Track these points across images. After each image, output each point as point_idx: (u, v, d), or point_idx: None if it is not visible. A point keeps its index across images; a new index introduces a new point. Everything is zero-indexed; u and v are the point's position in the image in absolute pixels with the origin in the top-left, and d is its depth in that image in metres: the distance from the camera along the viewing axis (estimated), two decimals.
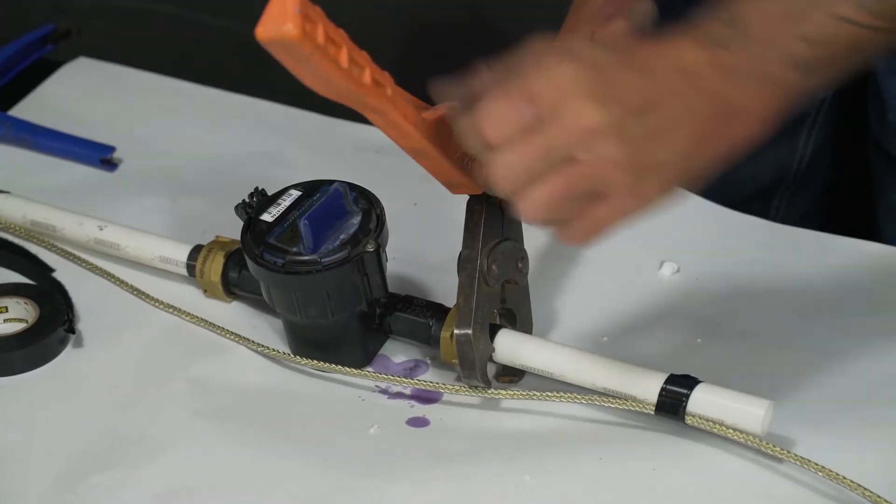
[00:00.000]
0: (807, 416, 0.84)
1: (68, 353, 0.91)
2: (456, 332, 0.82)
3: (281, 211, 0.87)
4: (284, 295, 0.86)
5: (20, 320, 0.92)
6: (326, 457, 0.84)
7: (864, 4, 0.72)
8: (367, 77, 0.71)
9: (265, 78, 1.48)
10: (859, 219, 1.13)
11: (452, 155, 0.79)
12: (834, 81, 0.75)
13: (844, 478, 0.80)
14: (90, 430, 0.86)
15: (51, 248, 0.98)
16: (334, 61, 0.69)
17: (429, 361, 0.89)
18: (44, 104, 1.12)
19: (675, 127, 0.72)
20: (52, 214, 0.99)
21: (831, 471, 0.80)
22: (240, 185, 0.89)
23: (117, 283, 0.96)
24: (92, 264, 0.97)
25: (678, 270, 0.96)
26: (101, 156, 1.06)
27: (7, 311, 0.92)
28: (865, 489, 0.79)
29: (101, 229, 0.97)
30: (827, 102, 1.16)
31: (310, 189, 0.88)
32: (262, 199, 0.88)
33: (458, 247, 0.93)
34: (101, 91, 1.15)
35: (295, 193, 0.88)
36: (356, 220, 0.86)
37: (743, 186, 1.15)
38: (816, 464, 0.80)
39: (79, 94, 1.14)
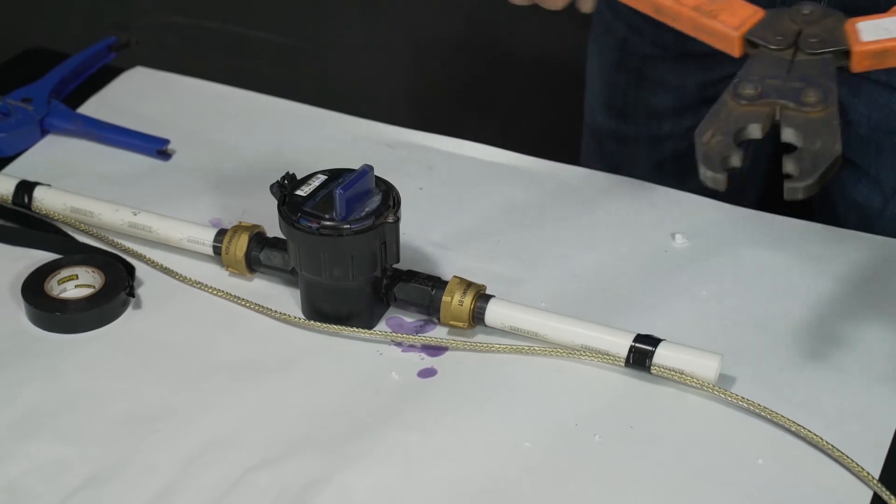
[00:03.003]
0: (751, 366, 0.85)
1: (129, 313, 0.91)
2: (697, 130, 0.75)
3: (311, 189, 0.88)
4: (314, 256, 0.86)
5: (89, 286, 0.92)
6: (349, 406, 0.84)
7: None
8: None
9: (296, 82, 1.49)
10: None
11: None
12: None
13: (781, 415, 0.81)
14: (147, 381, 0.86)
15: (88, 232, 0.98)
16: None
17: (435, 321, 0.89)
18: (107, 104, 1.12)
19: None
20: (89, 202, 0.98)
21: (772, 410, 0.81)
22: (273, 174, 0.90)
23: (148, 262, 0.95)
24: (124, 246, 0.96)
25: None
26: (157, 147, 1.06)
27: (78, 278, 0.93)
28: (796, 423, 0.81)
29: (135, 214, 0.96)
30: None
31: (333, 174, 0.89)
32: (292, 181, 0.89)
33: (459, 227, 0.93)
34: (154, 94, 1.14)
35: (321, 177, 0.89)
36: (378, 198, 0.87)
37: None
38: (758, 404, 0.82)
39: (136, 95, 1.14)
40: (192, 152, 1.07)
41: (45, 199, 0.99)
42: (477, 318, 0.88)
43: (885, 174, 1.06)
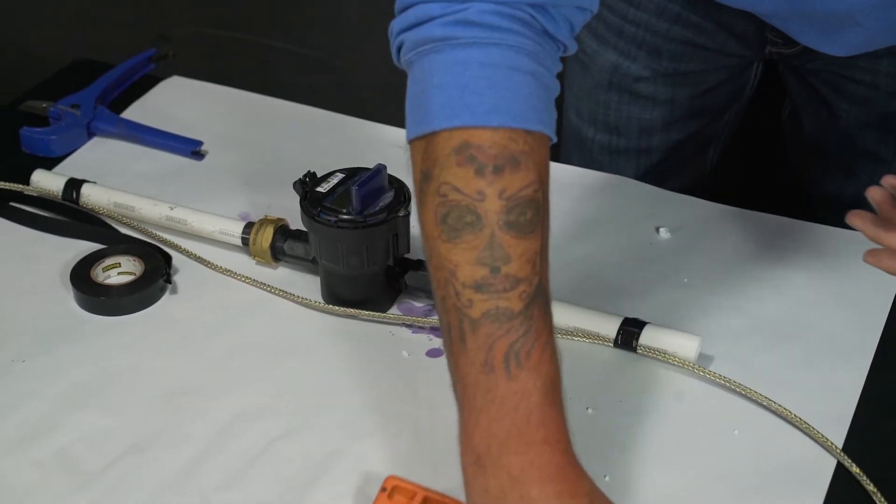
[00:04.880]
0: (727, 347, 0.86)
1: (166, 298, 0.91)
2: None
3: (330, 186, 0.88)
4: (333, 247, 0.87)
5: (130, 273, 0.93)
6: (364, 382, 0.84)
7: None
8: None
9: (317, 90, 1.49)
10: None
11: None
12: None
13: (754, 391, 0.82)
14: (183, 359, 0.86)
15: (129, 224, 0.98)
16: None
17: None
18: (147, 109, 1.12)
19: None
20: (130, 198, 0.98)
21: (746, 387, 0.82)
22: (295, 173, 0.90)
23: (183, 252, 0.95)
24: (162, 237, 0.96)
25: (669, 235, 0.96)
26: (192, 148, 1.06)
27: (120, 266, 0.93)
28: (767, 398, 0.81)
29: (172, 209, 0.96)
30: (732, 122, 1.13)
31: (350, 173, 0.90)
32: (313, 179, 0.89)
33: None
34: (189, 100, 1.14)
35: (339, 175, 0.90)
36: (390, 194, 0.88)
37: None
38: (734, 381, 0.82)
39: (173, 102, 1.14)
40: (223, 153, 1.08)
41: (91, 195, 1.00)
42: None
43: (860, 167, 1.06)
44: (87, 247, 0.96)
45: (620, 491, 0.76)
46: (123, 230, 0.98)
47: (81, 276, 0.92)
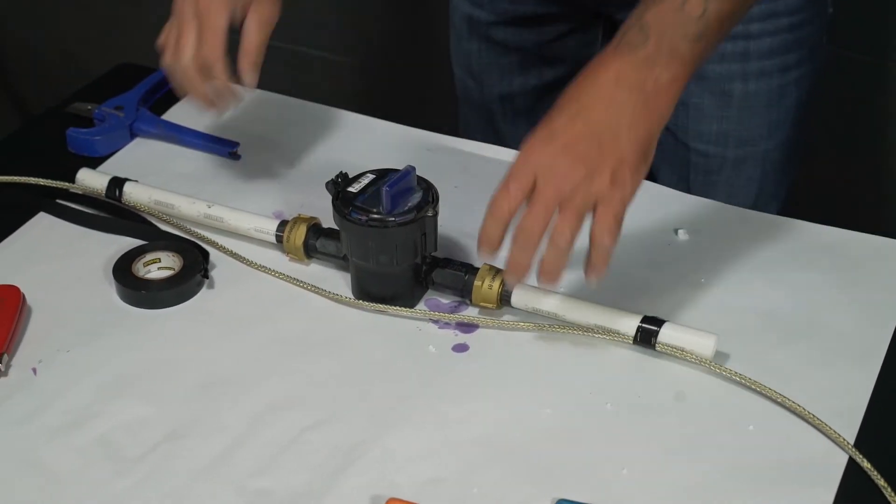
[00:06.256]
0: (743, 345, 0.85)
1: (203, 293, 0.91)
2: None
3: (362, 186, 0.88)
4: (363, 245, 0.86)
5: (169, 268, 0.92)
6: (391, 376, 0.83)
7: None
8: None
9: (347, 94, 1.49)
10: None
11: None
12: (718, 43, 0.77)
13: (769, 388, 0.81)
14: (218, 351, 0.86)
15: (169, 221, 0.98)
16: None
17: (468, 302, 0.89)
18: (186, 112, 1.11)
19: (609, 126, 0.73)
20: (170, 196, 0.98)
21: (760, 384, 0.81)
22: (327, 174, 0.89)
23: (220, 248, 0.95)
24: (200, 234, 0.96)
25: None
26: (229, 149, 1.06)
27: (160, 261, 0.93)
28: (781, 395, 0.80)
29: (210, 207, 0.96)
30: None
31: (380, 173, 0.89)
32: (345, 179, 0.88)
33: None
34: None
35: (370, 176, 0.89)
36: (419, 194, 0.87)
37: None
38: (749, 378, 0.81)
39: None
40: (258, 154, 1.07)
41: (133, 193, 1.00)
42: (504, 300, 0.87)
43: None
44: (129, 243, 0.96)
45: (638, 484, 0.75)
46: (163, 227, 0.98)
47: (123, 271, 0.91)
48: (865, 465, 0.75)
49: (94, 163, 1.06)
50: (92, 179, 1.02)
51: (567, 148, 0.75)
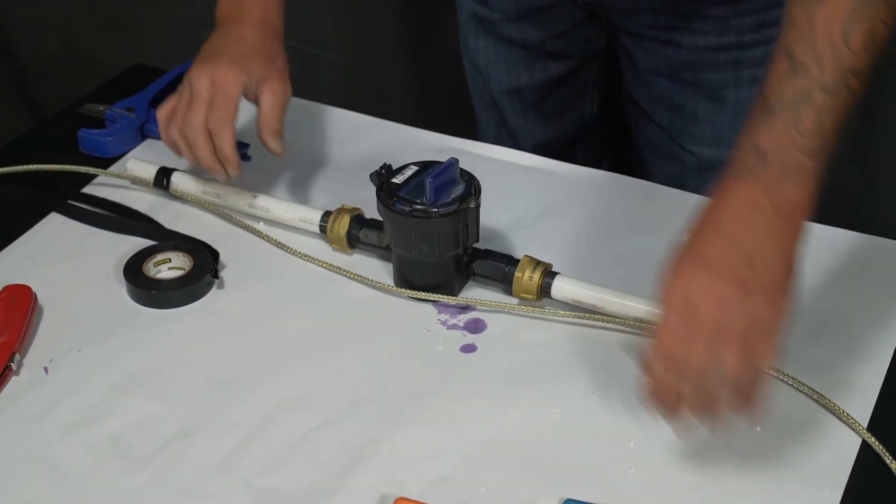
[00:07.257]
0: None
1: (213, 293, 0.92)
2: None
3: (405, 178, 0.88)
4: (406, 235, 0.87)
5: (179, 268, 0.93)
6: (400, 375, 0.84)
7: (828, 89, 0.72)
8: None
9: (360, 97, 1.49)
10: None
11: None
12: (835, 143, 0.74)
13: (788, 374, 0.81)
14: (228, 350, 0.86)
15: (214, 210, 0.99)
16: None
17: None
18: None
19: (756, 246, 0.71)
20: (217, 185, 0.99)
21: (779, 370, 0.81)
22: (336, 174, 0.90)
23: (264, 237, 0.95)
24: (245, 224, 0.97)
25: None
26: (240, 151, 1.06)
27: (170, 261, 0.93)
28: (799, 381, 0.80)
29: (255, 197, 0.97)
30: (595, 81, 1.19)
31: (424, 165, 0.90)
32: (389, 171, 0.89)
33: (517, 214, 0.95)
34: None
35: (413, 167, 0.90)
36: (461, 186, 0.87)
37: (557, 140, 1.21)
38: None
39: None
40: (268, 154, 1.07)
41: (181, 183, 1.01)
42: (544, 292, 0.87)
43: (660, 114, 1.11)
44: (140, 243, 0.96)
45: (645, 484, 0.75)
46: (207, 218, 0.98)
47: (133, 271, 0.92)
48: (879, 447, 0.76)
49: (104, 163, 1.06)
50: (140, 169, 1.02)
51: (722, 272, 0.71)
